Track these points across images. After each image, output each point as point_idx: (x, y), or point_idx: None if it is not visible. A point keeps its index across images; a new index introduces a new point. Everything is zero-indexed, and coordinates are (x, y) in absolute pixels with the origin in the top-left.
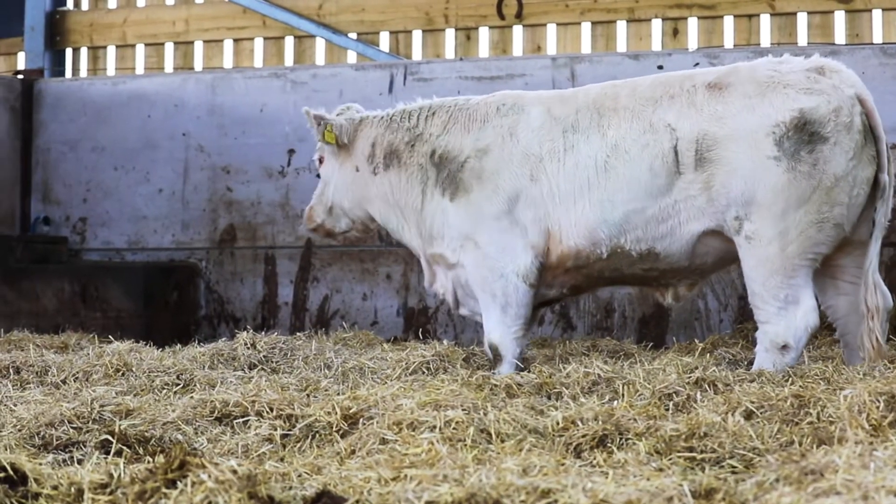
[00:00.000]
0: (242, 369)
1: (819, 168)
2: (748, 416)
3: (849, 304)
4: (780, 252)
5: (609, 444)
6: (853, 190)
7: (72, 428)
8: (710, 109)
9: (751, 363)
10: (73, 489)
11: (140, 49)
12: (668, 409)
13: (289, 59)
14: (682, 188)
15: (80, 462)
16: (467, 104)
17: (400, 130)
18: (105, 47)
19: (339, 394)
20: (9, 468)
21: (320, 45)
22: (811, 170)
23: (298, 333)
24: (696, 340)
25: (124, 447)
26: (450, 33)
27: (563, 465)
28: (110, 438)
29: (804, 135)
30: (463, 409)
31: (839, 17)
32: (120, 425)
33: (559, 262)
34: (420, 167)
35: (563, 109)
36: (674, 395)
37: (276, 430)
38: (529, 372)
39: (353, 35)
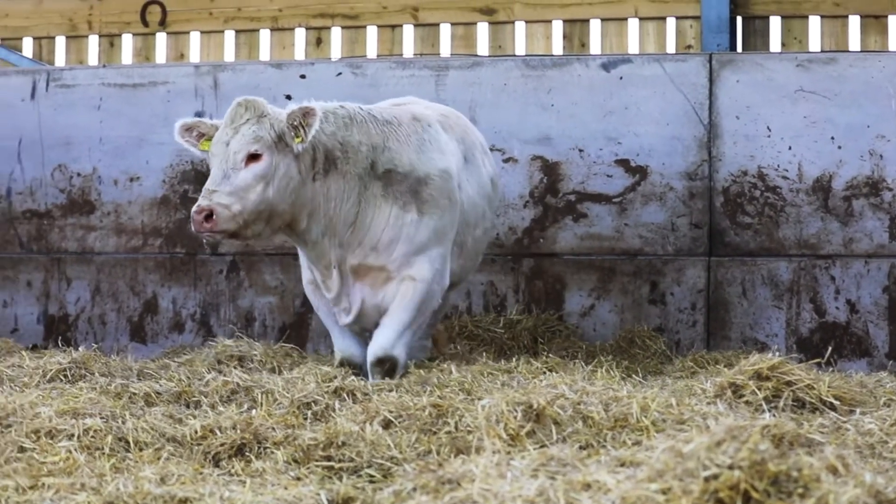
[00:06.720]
0: None
1: None
2: (386, 425)
3: None
4: None
5: (247, 453)
6: None
7: None
8: None
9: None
10: None
11: None
12: (306, 418)
13: None
14: None
15: None
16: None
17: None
18: None
19: None
20: None
21: None
22: None
23: None
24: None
25: None
26: (93, 40)
27: (200, 473)
28: None
29: None
30: (101, 417)
31: (482, 28)
32: None
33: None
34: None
35: None
36: (312, 403)
37: None
38: (168, 380)
39: None
